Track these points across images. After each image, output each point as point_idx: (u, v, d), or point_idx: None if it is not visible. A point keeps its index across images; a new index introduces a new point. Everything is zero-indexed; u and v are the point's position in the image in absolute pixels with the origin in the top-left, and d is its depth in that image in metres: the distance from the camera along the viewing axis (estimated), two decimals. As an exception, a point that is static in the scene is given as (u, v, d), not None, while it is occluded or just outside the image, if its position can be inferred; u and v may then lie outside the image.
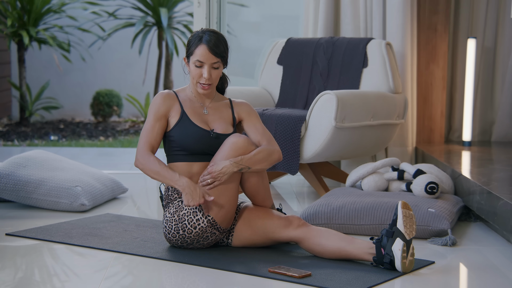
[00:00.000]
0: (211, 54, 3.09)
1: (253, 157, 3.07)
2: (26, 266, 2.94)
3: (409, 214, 2.90)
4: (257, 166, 3.08)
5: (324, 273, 2.83)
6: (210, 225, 3.06)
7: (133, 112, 9.50)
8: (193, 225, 3.06)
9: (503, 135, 5.26)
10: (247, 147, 3.07)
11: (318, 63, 4.68)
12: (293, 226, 3.08)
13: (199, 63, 3.11)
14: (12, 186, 3.93)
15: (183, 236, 3.08)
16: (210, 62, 3.10)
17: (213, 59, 3.10)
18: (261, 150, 3.10)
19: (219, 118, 3.20)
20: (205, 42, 3.10)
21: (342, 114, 4.06)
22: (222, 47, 3.12)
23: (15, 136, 8.24)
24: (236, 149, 3.05)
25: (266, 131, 3.21)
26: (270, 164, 3.12)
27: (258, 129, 3.21)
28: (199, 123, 3.16)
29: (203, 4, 5.15)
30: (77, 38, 9.24)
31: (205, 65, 3.11)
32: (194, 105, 3.21)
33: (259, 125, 3.22)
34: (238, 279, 2.80)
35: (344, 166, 4.89)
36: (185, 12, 9.10)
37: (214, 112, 3.21)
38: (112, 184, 4.26)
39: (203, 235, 3.08)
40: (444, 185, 3.87)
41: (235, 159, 3.03)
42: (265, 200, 3.18)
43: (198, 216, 3.05)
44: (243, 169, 3.05)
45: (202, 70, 3.12)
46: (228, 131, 3.18)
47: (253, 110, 3.27)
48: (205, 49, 3.09)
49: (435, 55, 5.04)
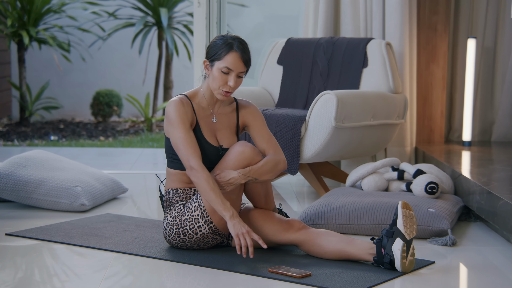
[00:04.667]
0: (241, 63, 3.02)
1: (260, 168, 3.04)
2: (26, 266, 2.94)
3: (409, 214, 2.90)
4: (264, 177, 3.07)
5: (324, 273, 2.83)
6: (211, 231, 3.06)
7: (133, 112, 9.50)
8: (194, 231, 3.06)
9: (503, 135, 5.26)
10: (253, 157, 3.04)
11: (318, 63, 4.68)
12: (294, 229, 3.08)
13: (227, 70, 3.02)
14: (12, 186, 3.93)
15: (184, 240, 3.08)
16: (239, 70, 3.03)
17: (242, 68, 3.03)
18: (268, 161, 3.07)
19: (225, 128, 3.15)
20: (238, 50, 3.02)
21: (342, 114, 4.06)
22: (249, 54, 3.06)
23: (15, 136, 8.24)
24: (243, 159, 3.02)
25: (272, 138, 3.17)
26: (275, 175, 3.10)
27: (264, 136, 3.16)
28: (209, 137, 3.09)
29: (203, 4, 5.15)
30: (77, 38, 9.24)
31: (233, 73, 3.02)
32: (205, 113, 3.13)
33: (265, 131, 3.17)
34: (238, 279, 2.80)
35: (344, 166, 4.89)
36: (185, 12, 9.10)
37: (222, 119, 3.15)
38: (112, 184, 4.26)
39: (204, 240, 3.08)
40: (444, 185, 3.87)
41: (243, 171, 3.01)
42: (267, 204, 3.18)
43: (200, 223, 3.04)
44: (250, 180, 3.05)
45: (228, 78, 3.03)
46: (234, 142, 3.15)
47: (259, 114, 3.21)
48: (237, 57, 3.02)
49: (435, 55, 5.04)
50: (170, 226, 3.09)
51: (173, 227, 3.08)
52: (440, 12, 5.03)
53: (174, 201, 3.13)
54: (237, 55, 3.01)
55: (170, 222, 3.09)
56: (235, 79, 3.03)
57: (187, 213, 3.06)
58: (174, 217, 3.08)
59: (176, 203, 3.12)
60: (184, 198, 3.12)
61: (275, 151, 3.13)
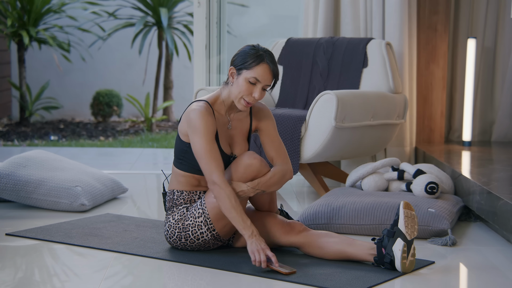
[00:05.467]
0: (270, 76, 2.99)
1: (268, 181, 3.04)
2: (26, 266, 2.94)
3: (410, 215, 2.90)
4: (271, 189, 3.07)
5: (324, 273, 2.83)
6: (213, 238, 3.07)
7: (133, 112, 9.49)
8: (196, 237, 3.06)
9: (503, 135, 5.26)
10: (261, 170, 3.03)
11: (318, 63, 4.68)
12: (295, 232, 3.08)
13: (255, 80, 2.98)
14: (12, 186, 3.93)
15: (185, 244, 3.08)
16: (266, 83, 2.99)
17: (270, 81, 3.00)
18: (276, 172, 3.06)
19: (239, 134, 3.13)
20: (269, 62, 2.99)
21: (342, 114, 4.06)
22: (278, 71, 3.03)
23: (15, 136, 8.24)
24: (250, 172, 3.02)
25: (282, 146, 3.14)
26: (282, 185, 3.11)
27: (274, 143, 3.13)
28: (224, 145, 3.08)
29: (203, 4, 5.15)
30: (77, 38, 9.24)
31: (260, 84, 2.98)
32: (224, 120, 3.10)
33: (276, 137, 3.15)
34: (238, 279, 2.80)
35: (344, 166, 4.89)
36: (185, 12, 9.10)
37: (236, 125, 3.13)
38: (112, 184, 4.26)
39: (205, 245, 3.09)
40: (444, 185, 3.87)
41: (252, 184, 3.01)
42: (270, 208, 3.20)
43: (203, 230, 3.04)
44: (258, 193, 3.06)
45: (254, 89, 2.99)
46: (245, 149, 3.15)
47: (271, 119, 3.18)
48: (268, 70, 2.98)
49: (435, 55, 5.04)
50: (172, 229, 3.09)
51: (175, 230, 3.08)
52: (440, 12, 5.03)
53: (178, 203, 3.12)
54: (267, 68, 2.98)
55: (173, 224, 3.08)
56: (260, 91, 2.99)
57: (191, 218, 3.05)
58: (177, 220, 3.08)
59: (180, 205, 3.12)
60: (188, 201, 3.11)
61: (283, 160, 3.12)
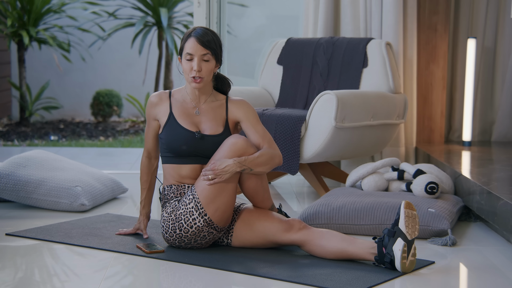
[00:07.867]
0: (199, 46, 3.10)
1: (256, 159, 3.06)
2: (26, 266, 2.94)
3: (411, 214, 2.90)
4: (259, 169, 3.08)
5: (324, 273, 2.83)
6: (206, 224, 3.06)
7: (133, 112, 9.50)
8: (189, 224, 3.06)
9: (503, 135, 5.26)
10: (247, 148, 3.06)
11: (318, 63, 4.68)
12: (294, 229, 3.08)
13: (189, 55, 3.12)
14: (12, 186, 3.93)
15: (180, 236, 3.08)
16: (200, 53, 3.11)
17: (202, 50, 3.11)
18: (263, 153, 3.09)
19: (211, 120, 3.19)
20: (194, 34, 3.13)
21: (342, 114, 4.06)
22: (210, 38, 3.13)
23: (15, 136, 8.24)
24: (235, 150, 3.05)
25: (267, 133, 3.18)
26: (270, 168, 3.11)
27: (258, 131, 3.17)
28: (186, 124, 3.16)
29: (203, 4, 5.15)
30: (77, 38, 9.24)
31: (195, 57, 3.11)
32: (186, 106, 3.22)
33: (259, 126, 3.19)
34: (237, 279, 2.80)
35: (344, 166, 4.89)
36: (185, 12, 9.10)
37: (207, 113, 3.20)
38: (112, 184, 4.26)
39: (200, 234, 3.08)
40: (444, 185, 3.87)
41: (239, 159, 3.03)
42: (264, 201, 3.18)
43: (195, 216, 3.05)
44: (245, 170, 3.05)
45: (192, 63, 3.12)
46: (218, 132, 3.16)
47: (251, 110, 3.22)
48: (194, 41, 3.11)
49: (435, 55, 5.04)
50: (166, 222, 3.10)
51: (169, 223, 3.09)
52: (440, 12, 5.03)
53: (169, 197, 3.16)
54: (193, 39, 3.12)
55: (166, 218, 3.10)
56: (199, 62, 3.11)
57: (182, 206, 3.08)
58: (169, 213, 3.10)
59: (171, 199, 3.15)
60: (178, 195, 3.15)
61: (270, 146, 3.15)
